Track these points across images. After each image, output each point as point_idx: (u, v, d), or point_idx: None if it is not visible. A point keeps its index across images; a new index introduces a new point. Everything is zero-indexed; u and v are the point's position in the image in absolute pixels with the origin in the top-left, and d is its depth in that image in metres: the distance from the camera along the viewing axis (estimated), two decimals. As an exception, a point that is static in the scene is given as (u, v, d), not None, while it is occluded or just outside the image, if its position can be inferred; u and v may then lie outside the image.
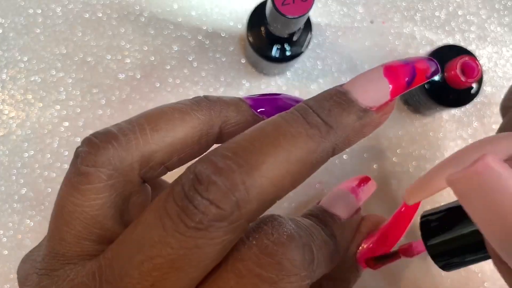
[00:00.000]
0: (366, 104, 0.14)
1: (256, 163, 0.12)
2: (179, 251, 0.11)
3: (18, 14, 0.37)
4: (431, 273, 0.37)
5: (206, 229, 0.11)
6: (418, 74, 0.15)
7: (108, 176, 0.14)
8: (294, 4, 0.26)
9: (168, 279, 0.12)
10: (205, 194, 0.12)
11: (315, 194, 0.37)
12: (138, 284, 0.12)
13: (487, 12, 0.40)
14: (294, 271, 0.12)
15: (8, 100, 0.37)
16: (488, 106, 0.39)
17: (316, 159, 0.13)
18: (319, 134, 0.13)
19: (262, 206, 0.12)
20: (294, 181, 0.13)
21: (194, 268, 0.12)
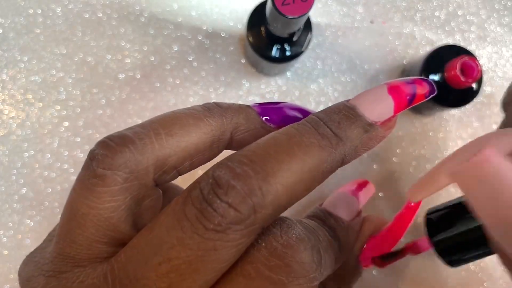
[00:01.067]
0: (372, 119, 0.15)
1: (272, 170, 0.13)
2: (197, 252, 0.12)
3: (18, 14, 0.37)
4: (431, 273, 0.37)
5: (224, 232, 0.12)
6: (418, 93, 0.16)
7: (124, 179, 0.14)
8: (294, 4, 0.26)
9: (184, 281, 0.12)
10: (224, 198, 0.12)
11: (315, 194, 0.37)
12: (154, 285, 0.12)
13: (487, 12, 0.40)
14: (303, 273, 0.12)
15: (8, 100, 0.37)
16: (488, 106, 0.39)
17: (327, 169, 0.14)
18: (330, 145, 0.14)
19: (276, 211, 0.13)
20: (307, 189, 0.13)
21: (210, 270, 0.12)
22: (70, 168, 0.36)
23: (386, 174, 0.38)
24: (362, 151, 0.15)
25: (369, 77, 0.39)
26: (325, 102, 0.39)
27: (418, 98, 0.16)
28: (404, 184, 0.38)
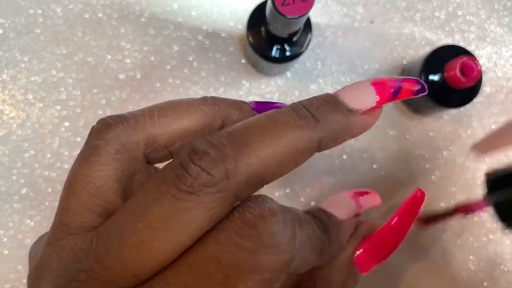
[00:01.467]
0: (352, 106, 0.16)
1: (246, 141, 0.14)
2: (171, 211, 0.12)
3: (18, 14, 0.37)
4: (431, 273, 0.37)
5: (196, 193, 0.13)
6: (404, 88, 0.17)
7: (116, 150, 0.15)
8: (294, 5, 0.26)
9: (156, 239, 0.12)
10: (198, 162, 0.13)
11: (315, 194, 0.37)
12: (129, 240, 0.13)
13: (487, 13, 0.40)
14: (273, 244, 0.13)
15: (9, 100, 0.37)
16: (488, 106, 0.39)
17: (303, 147, 0.14)
18: (307, 125, 0.15)
19: (249, 181, 0.14)
20: (281, 164, 0.14)
21: (182, 230, 0.13)
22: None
23: (386, 174, 0.38)
24: (341, 135, 0.16)
25: (369, 77, 0.39)
26: (325, 102, 0.39)
27: (404, 93, 0.17)
28: (403, 184, 0.38)
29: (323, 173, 0.38)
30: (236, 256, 0.12)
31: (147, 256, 0.13)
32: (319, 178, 0.38)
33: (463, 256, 0.37)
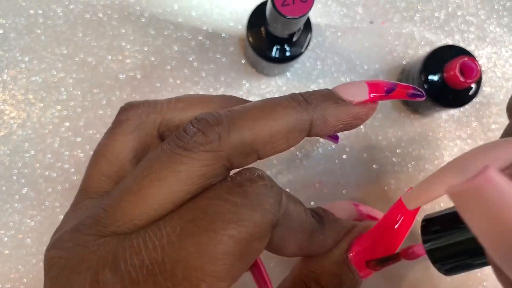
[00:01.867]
0: (345, 97, 0.18)
1: (241, 115, 0.16)
2: (167, 163, 0.14)
3: (19, 15, 0.38)
4: (430, 273, 0.37)
5: (191, 149, 0.14)
6: (399, 89, 0.18)
7: (135, 125, 0.18)
8: (294, 5, 0.26)
9: (154, 186, 0.14)
10: (195, 125, 0.15)
11: (315, 194, 0.37)
12: (130, 189, 0.14)
13: (486, 13, 0.41)
14: (258, 202, 0.14)
15: (9, 100, 0.37)
16: (487, 106, 0.40)
17: (294, 125, 0.16)
18: (298, 106, 0.16)
19: (240, 147, 0.15)
20: (272, 137, 0.16)
21: (176, 181, 0.14)
22: (71, 168, 0.36)
23: (386, 173, 0.38)
24: (333, 121, 0.17)
25: (368, 77, 0.39)
26: (325, 102, 0.39)
27: (398, 93, 0.18)
28: (403, 184, 0.38)
29: (323, 173, 0.38)
30: (221, 207, 0.14)
31: (143, 202, 0.14)
32: (319, 178, 0.38)
33: (462, 256, 0.37)
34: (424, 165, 0.38)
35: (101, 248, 0.14)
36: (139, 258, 0.13)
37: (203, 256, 0.13)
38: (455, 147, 0.39)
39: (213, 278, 0.13)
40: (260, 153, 0.16)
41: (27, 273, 0.35)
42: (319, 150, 0.38)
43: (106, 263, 0.13)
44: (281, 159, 0.38)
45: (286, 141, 0.16)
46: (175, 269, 0.13)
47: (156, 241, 0.13)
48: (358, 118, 0.18)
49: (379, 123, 0.39)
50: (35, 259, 0.35)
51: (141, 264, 0.13)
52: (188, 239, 0.13)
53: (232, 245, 0.13)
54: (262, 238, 0.14)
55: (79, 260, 0.14)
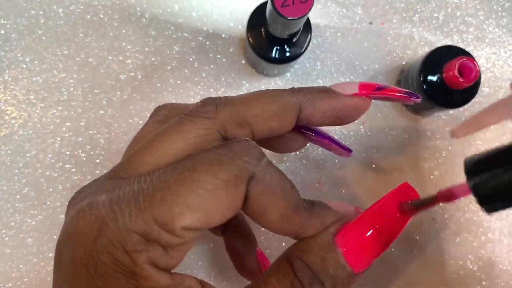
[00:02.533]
0: (336, 90, 0.20)
1: (238, 96, 0.19)
2: (173, 125, 0.18)
3: (20, 15, 0.38)
4: (430, 271, 0.37)
5: (192, 115, 0.18)
6: (390, 88, 0.21)
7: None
8: (293, 6, 0.26)
9: (159, 141, 0.17)
10: (201, 101, 0.19)
11: (315, 194, 0.38)
12: (143, 144, 0.18)
13: (485, 13, 0.41)
14: (238, 154, 0.17)
15: (10, 101, 0.37)
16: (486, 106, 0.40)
17: (284, 104, 0.19)
18: (291, 92, 0.19)
19: (234, 117, 0.18)
20: (263, 110, 0.19)
21: (178, 140, 0.17)
22: (71, 168, 0.36)
23: (385, 173, 0.38)
24: (322, 106, 0.20)
25: (368, 77, 0.39)
26: (325, 103, 0.39)
27: (390, 91, 0.21)
28: (403, 184, 0.38)
29: (323, 173, 0.38)
30: (206, 155, 0.17)
31: (149, 153, 0.17)
32: (319, 178, 0.38)
33: (461, 255, 0.37)
34: (424, 165, 0.38)
35: (107, 184, 0.17)
36: (130, 188, 0.16)
37: (180, 186, 0.15)
38: (454, 147, 0.39)
39: (185, 206, 0.15)
40: (252, 126, 0.19)
41: (28, 273, 0.35)
42: (319, 150, 0.38)
43: (106, 191, 0.16)
44: (281, 158, 0.38)
45: (277, 118, 0.19)
46: (155, 193, 0.15)
47: (148, 178, 0.16)
48: (347, 107, 0.20)
49: (378, 123, 0.39)
50: (36, 259, 0.35)
51: (129, 190, 0.16)
52: (172, 175, 0.16)
53: (208, 182, 0.15)
54: (237, 184, 0.16)
55: (88, 194, 0.17)
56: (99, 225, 0.15)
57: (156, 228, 0.15)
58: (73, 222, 0.16)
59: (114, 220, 0.15)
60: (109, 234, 0.15)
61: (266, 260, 0.25)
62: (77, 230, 0.16)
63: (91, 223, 0.15)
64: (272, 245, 0.36)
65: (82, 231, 0.15)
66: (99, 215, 0.15)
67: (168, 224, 0.15)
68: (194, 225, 0.15)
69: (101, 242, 0.15)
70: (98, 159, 0.37)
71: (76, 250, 0.15)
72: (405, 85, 0.37)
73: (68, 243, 0.16)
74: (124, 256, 0.15)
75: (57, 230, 0.36)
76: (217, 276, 0.36)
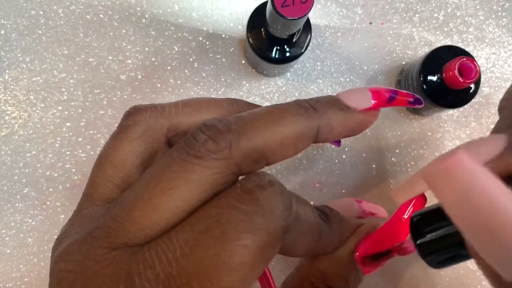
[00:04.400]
0: (349, 104, 0.18)
1: (250, 121, 0.16)
2: (179, 172, 0.14)
3: (20, 16, 0.38)
4: (429, 271, 0.37)
5: (202, 157, 0.14)
6: (400, 97, 0.19)
7: (142, 131, 0.17)
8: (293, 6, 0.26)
9: (165, 195, 0.14)
10: (206, 132, 0.15)
11: (315, 194, 0.38)
12: (140, 198, 0.14)
13: (485, 14, 0.41)
14: (269, 209, 0.14)
15: (11, 101, 0.37)
16: (486, 106, 0.40)
17: (302, 132, 0.17)
18: (306, 113, 0.17)
19: (250, 154, 0.15)
20: (281, 144, 0.16)
21: (188, 190, 0.14)
22: (72, 168, 0.37)
23: (385, 173, 0.38)
24: (338, 128, 0.18)
25: (368, 77, 0.39)
26: (325, 103, 0.39)
27: (400, 101, 0.19)
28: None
29: (323, 173, 0.38)
30: (233, 216, 0.13)
31: (154, 212, 0.14)
32: (319, 178, 0.38)
33: (461, 255, 0.38)
34: (423, 165, 0.38)
35: (113, 263, 0.13)
36: (154, 273, 0.13)
37: (219, 268, 0.13)
38: (454, 147, 0.39)
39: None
40: (269, 160, 0.16)
41: (29, 272, 0.35)
42: (319, 150, 0.38)
43: (120, 279, 0.13)
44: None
45: (294, 148, 0.17)
46: (191, 282, 0.13)
47: (170, 254, 0.13)
48: (361, 125, 0.19)
49: (378, 123, 0.39)
50: (36, 259, 0.35)
51: (156, 279, 0.13)
52: (202, 251, 0.13)
53: (247, 255, 0.13)
54: (275, 245, 0.14)
55: (92, 276, 0.13)
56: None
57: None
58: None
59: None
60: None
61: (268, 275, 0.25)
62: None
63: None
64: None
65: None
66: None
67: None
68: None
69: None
70: (98, 159, 0.37)
71: None
72: (405, 85, 0.38)
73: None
74: None
75: (57, 230, 0.36)
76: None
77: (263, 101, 0.39)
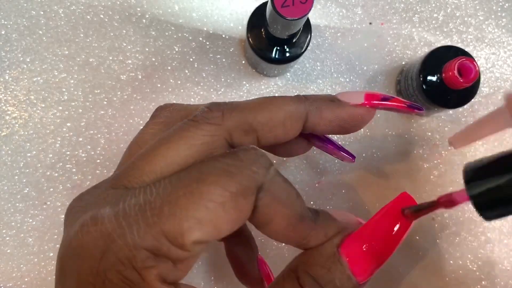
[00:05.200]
0: (342, 99, 0.20)
1: (245, 101, 0.19)
2: (178, 131, 0.17)
3: (20, 16, 0.38)
4: (429, 271, 0.37)
5: (198, 121, 0.17)
6: (395, 99, 0.21)
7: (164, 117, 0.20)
8: (293, 6, 0.26)
9: (164, 148, 0.17)
10: (206, 105, 0.18)
11: (315, 194, 0.38)
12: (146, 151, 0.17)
13: (485, 14, 0.41)
14: (246, 164, 0.16)
15: (11, 101, 0.37)
16: (486, 106, 0.40)
17: (290, 112, 0.19)
18: (296, 99, 0.19)
19: (240, 124, 0.18)
20: (269, 118, 0.18)
21: (183, 145, 0.17)
22: (72, 168, 0.37)
23: (384, 173, 0.38)
24: (328, 115, 0.20)
25: (367, 77, 0.39)
26: (325, 103, 0.39)
27: (395, 101, 0.21)
28: (402, 183, 0.38)
29: (323, 173, 0.38)
30: (214, 165, 0.16)
31: (152, 161, 0.16)
32: (319, 178, 0.38)
33: (461, 255, 0.38)
34: (423, 165, 0.39)
35: (109, 196, 0.16)
36: (136, 200, 0.15)
37: (189, 200, 0.15)
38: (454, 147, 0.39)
39: (195, 220, 0.14)
40: (259, 134, 0.18)
41: (29, 272, 0.35)
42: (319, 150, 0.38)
43: (109, 203, 0.16)
44: (281, 158, 0.38)
45: (283, 127, 0.19)
46: (163, 206, 0.15)
47: (154, 189, 0.15)
48: (353, 117, 0.20)
49: (378, 123, 0.39)
50: (36, 258, 0.35)
51: (135, 203, 0.15)
52: (180, 187, 0.15)
53: (218, 195, 0.15)
54: (247, 196, 0.15)
55: (91, 204, 0.16)
56: (105, 242, 0.14)
57: (166, 243, 0.14)
58: (77, 238, 0.15)
59: (122, 236, 0.14)
60: (116, 251, 0.14)
61: (267, 268, 0.25)
62: (82, 246, 0.15)
63: (96, 239, 0.15)
64: (271, 246, 0.36)
65: (87, 247, 0.15)
66: (105, 231, 0.15)
67: (178, 239, 0.14)
68: (204, 239, 0.15)
69: (108, 259, 0.14)
70: (98, 159, 0.37)
71: (82, 267, 0.15)
72: (405, 85, 0.38)
73: (72, 259, 0.15)
74: (133, 274, 0.14)
75: (58, 230, 0.36)
76: (217, 277, 0.36)
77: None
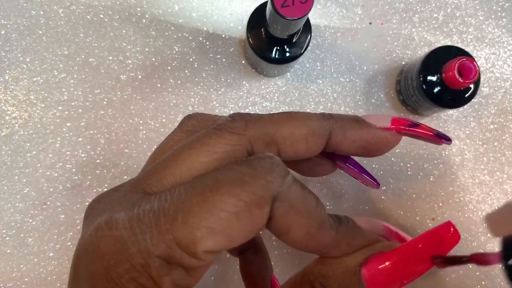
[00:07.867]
0: (368, 121, 0.20)
1: (268, 115, 0.19)
2: (200, 138, 0.17)
3: (20, 16, 0.38)
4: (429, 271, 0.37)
5: (220, 130, 0.17)
6: (423, 126, 0.21)
7: (191, 125, 0.20)
8: (293, 6, 0.26)
9: (185, 153, 0.17)
10: (230, 115, 0.18)
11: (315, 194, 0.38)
12: (168, 156, 0.17)
13: (485, 14, 0.41)
14: (261, 173, 0.16)
15: (11, 101, 0.37)
16: (486, 106, 0.40)
17: (313, 128, 0.19)
18: (322, 117, 0.19)
19: (262, 135, 0.18)
20: (291, 132, 0.18)
21: (205, 153, 0.17)
22: (72, 168, 0.37)
23: (385, 173, 0.38)
24: (352, 135, 0.20)
25: (367, 78, 0.39)
26: (324, 103, 0.39)
27: (422, 128, 0.21)
28: (402, 184, 0.38)
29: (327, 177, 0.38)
30: (228, 174, 0.16)
31: (172, 166, 0.17)
32: (319, 178, 0.38)
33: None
34: (423, 165, 0.39)
35: (126, 201, 0.16)
36: (151, 206, 0.15)
37: (202, 208, 0.14)
38: (454, 147, 0.39)
39: (207, 229, 0.14)
40: (280, 147, 0.18)
41: (29, 272, 0.35)
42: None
43: (124, 208, 0.16)
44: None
45: (305, 142, 0.18)
46: (176, 214, 0.15)
47: (169, 196, 0.15)
48: (377, 140, 0.20)
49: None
50: (36, 258, 0.35)
51: (150, 209, 0.15)
52: (194, 195, 0.15)
53: (231, 204, 0.15)
54: (261, 206, 0.15)
55: (108, 207, 0.16)
56: (118, 247, 0.15)
57: (179, 251, 0.14)
58: (91, 241, 0.15)
59: (135, 243, 0.14)
60: (131, 259, 0.14)
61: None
62: (95, 251, 0.15)
63: (110, 244, 0.15)
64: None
65: (100, 252, 0.15)
66: (119, 236, 0.15)
67: (190, 247, 0.14)
68: (216, 248, 0.15)
69: (122, 265, 0.14)
70: (98, 159, 0.37)
71: (95, 271, 0.15)
72: (404, 85, 0.38)
73: (86, 261, 0.15)
74: (149, 282, 0.14)
75: (58, 230, 0.36)
76: (216, 277, 0.36)
77: (263, 101, 0.39)
